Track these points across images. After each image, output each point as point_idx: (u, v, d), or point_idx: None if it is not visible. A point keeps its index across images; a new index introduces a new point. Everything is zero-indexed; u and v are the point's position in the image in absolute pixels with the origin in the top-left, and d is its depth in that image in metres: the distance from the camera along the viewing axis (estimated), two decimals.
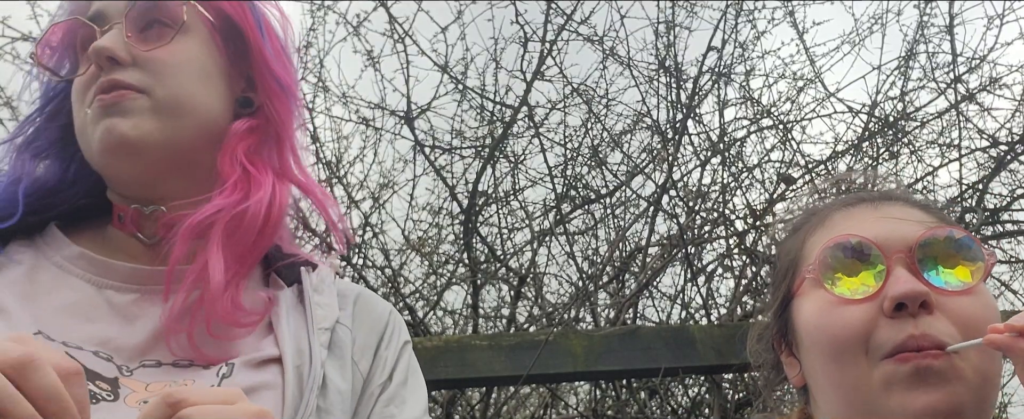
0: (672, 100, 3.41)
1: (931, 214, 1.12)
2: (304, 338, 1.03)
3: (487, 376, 2.34)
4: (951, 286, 1.03)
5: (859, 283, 1.05)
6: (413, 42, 3.14)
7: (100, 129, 1.01)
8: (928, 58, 3.42)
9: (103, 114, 1.02)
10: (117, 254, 1.06)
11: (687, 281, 3.28)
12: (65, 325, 0.97)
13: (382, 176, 3.43)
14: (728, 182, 3.44)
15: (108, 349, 0.97)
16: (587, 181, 3.54)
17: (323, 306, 1.07)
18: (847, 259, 1.06)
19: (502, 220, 3.50)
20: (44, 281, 1.01)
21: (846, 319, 1.03)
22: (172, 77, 1.04)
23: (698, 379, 3.12)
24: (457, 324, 3.47)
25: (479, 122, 3.42)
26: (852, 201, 1.16)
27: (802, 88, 3.53)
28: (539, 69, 3.20)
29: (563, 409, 3.55)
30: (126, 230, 1.07)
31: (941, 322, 1.00)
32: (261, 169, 1.07)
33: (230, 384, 0.95)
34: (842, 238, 1.08)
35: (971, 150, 3.42)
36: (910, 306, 1.00)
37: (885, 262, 1.04)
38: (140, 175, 1.05)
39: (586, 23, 3.28)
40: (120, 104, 1.01)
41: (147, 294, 1.02)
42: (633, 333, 2.44)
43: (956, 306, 1.01)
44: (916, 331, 0.99)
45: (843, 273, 1.06)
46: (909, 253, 1.04)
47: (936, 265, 1.04)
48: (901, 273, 1.02)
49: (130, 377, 0.95)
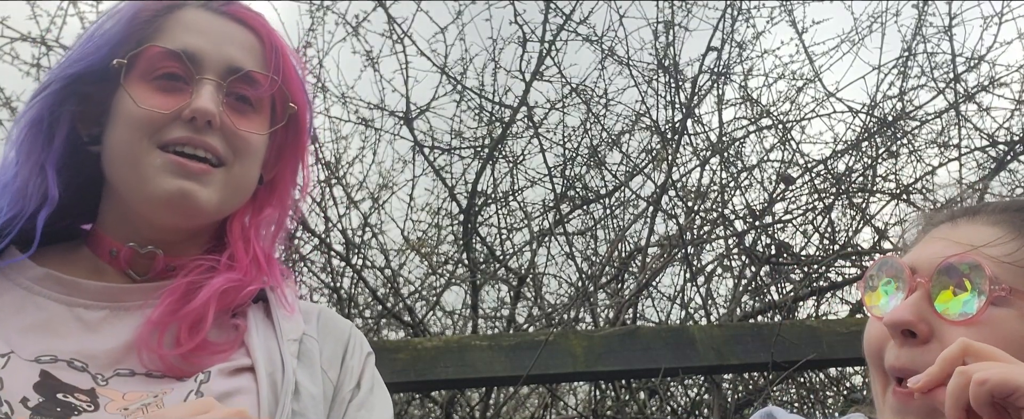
0: (671, 100, 3.41)
1: (1006, 229, 1.06)
2: (275, 349, 1.06)
3: (487, 376, 2.34)
4: (949, 315, 1.01)
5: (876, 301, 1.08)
6: (412, 42, 3.14)
7: (173, 187, 1.03)
8: (927, 58, 3.42)
9: (182, 174, 1.03)
10: (84, 273, 1.06)
11: (686, 281, 3.29)
12: (36, 341, 0.97)
13: (381, 176, 3.43)
14: (727, 182, 3.44)
15: (82, 357, 0.98)
16: (586, 181, 3.54)
17: (289, 320, 1.10)
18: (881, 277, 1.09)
19: (501, 220, 3.50)
20: (9, 302, 1.01)
21: (870, 334, 1.08)
22: (247, 159, 1.09)
23: (698, 379, 3.12)
24: (456, 324, 3.47)
25: (478, 122, 3.42)
26: (947, 216, 1.15)
27: (801, 88, 3.54)
28: (538, 69, 3.19)
29: (563, 409, 3.54)
30: (117, 266, 1.08)
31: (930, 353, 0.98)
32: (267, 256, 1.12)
33: (208, 390, 0.97)
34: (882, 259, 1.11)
35: (970, 150, 3.43)
36: (891, 334, 1.02)
37: (909, 286, 1.05)
38: (178, 230, 1.08)
39: (585, 23, 3.28)
40: (205, 176, 1.04)
41: (117, 311, 1.03)
42: (633, 333, 2.44)
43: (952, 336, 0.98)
44: (896, 362, 1.01)
45: (871, 289, 1.10)
46: (928, 279, 1.04)
47: (947, 291, 1.02)
48: (909, 300, 1.03)
49: (106, 386, 0.97)
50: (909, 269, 1.05)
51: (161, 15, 1.09)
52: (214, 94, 1.05)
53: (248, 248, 1.09)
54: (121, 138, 1.05)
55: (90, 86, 1.08)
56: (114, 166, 1.07)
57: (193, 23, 1.09)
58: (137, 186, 1.04)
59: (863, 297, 1.11)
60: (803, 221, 3.45)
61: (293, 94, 1.13)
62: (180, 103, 1.04)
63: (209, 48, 1.07)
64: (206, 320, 1.02)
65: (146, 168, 1.03)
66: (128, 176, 1.05)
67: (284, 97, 1.13)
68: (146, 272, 1.09)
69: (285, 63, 1.13)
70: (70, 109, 1.08)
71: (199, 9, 1.11)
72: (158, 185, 1.03)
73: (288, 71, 1.13)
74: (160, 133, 1.04)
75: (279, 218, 1.17)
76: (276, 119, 1.13)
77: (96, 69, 1.07)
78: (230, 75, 1.07)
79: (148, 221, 1.07)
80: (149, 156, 1.03)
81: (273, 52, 1.12)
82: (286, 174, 1.18)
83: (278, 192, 1.17)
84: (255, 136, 1.09)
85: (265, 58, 1.11)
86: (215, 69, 1.06)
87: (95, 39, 1.08)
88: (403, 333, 3.23)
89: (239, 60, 1.08)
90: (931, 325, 1.01)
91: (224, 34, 1.09)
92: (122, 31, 1.07)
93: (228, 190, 1.07)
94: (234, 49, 1.09)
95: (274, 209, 1.16)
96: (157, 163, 1.03)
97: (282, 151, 1.17)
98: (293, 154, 1.17)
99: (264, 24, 1.13)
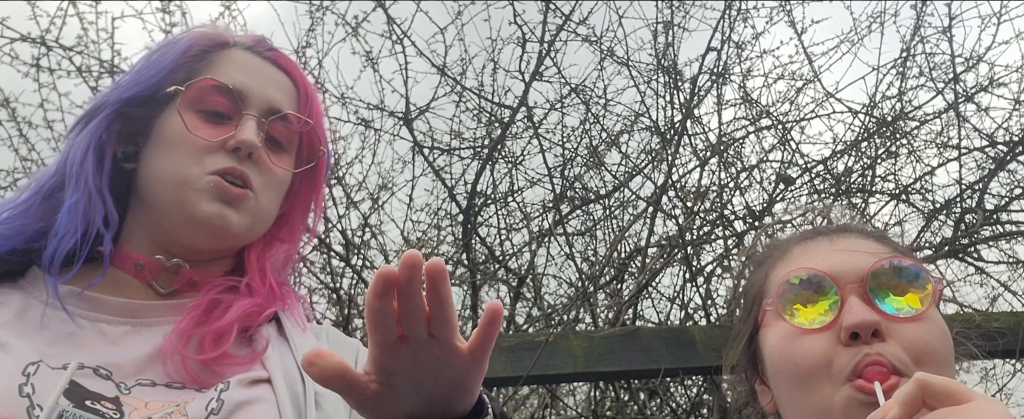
0: (670, 100, 3.42)
1: (884, 244, 1.17)
2: (291, 363, 1.10)
3: (487, 377, 2.32)
4: (902, 313, 1.07)
5: (816, 313, 1.10)
6: (411, 43, 3.15)
7: (213, 210, 1.10)
8: (926, 58, 3.43)
9: (221, 198, 1.10)
10: (106, 291, 1.10)
11: (686, 282, 3.29)
12: (63, 352, 1.01)
13: (381, 177, 3.43)
14: (727, 182, 3.44)
15: (107, 366, 1.01)
16: (586, 182, 3.54)
17: (302, 337, 1.16)
18: (804, 291, 1.12)
19: (501, 221, 3.51)
20: (34, 318, 1.05)
21: (808, 348, 1.09)
22: (273, 191, 1.18)
23: (697, 380, 3.12)
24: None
25: (477, 123, 3.43)
26: (810, 235, 1.22)
27: (800, 88, 3.54)
28: (537, 69, 3.20)
29: (562, 410, 3.54)
30: (142, 279, 1.12)
31: (892, 347, 1.05)
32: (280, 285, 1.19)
33: (227, 398, 1.00)
34: (797, 271, 1.13)
35: (969, 150, 3.43)
36: (863, 335, 1.05)
37: (839, 293, 1.09)
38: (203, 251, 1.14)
39: (584, 23, 3.29)
40: (241, 202, 1.11)
41: (138, 326, 1.07)
42: (632, 334, 2.44)
43: (907, 332, 1.06)
44: (871, 351, 1.04)
45: (801, 304, 1.12)
46: (861, 283, 1.09)
47: (887, 293, 1.09)
48: (854, 303, 1.07)
49: (128, 394, 0.99)
50: (831, 278, 1.10)
51: (212, 51, 1.18)
52: (256, 129, 1.13)
53: (264, 278, 1.16)
54: (167, 160, 1.12)
55: (136, 108, 1.15)
56: (154, 185, 1.12)
57: (241, 63, 1.18)
58: (177, 206, 1.10)
59: (787, 315, 1.12)
60: (803, 221, 3.45)
61: (322, 139, 1.23)
62: (225, 134, 1.12)
63: (254, 87, 1.16)
64: (230, 335, 1.07)
65: (190, 190, 1.10)
66: (169, 195, 1.11)
67: (311, 140, 1.22)
68: (170, 285, 1.13)
69: (315, 109, 1.23)
70: (116, 129, 1.14)
71: (246, 51, 1.20)
72: (200, 206, 1.09)
73: (317, 117, 1.23)
74: (205, 160, 1.11)
75: (288, 251, 1.24)
76: (300, 159, 1.22)
77: (146, 94, 1.15)
78: (271, 114, 1.16)
79: (178, 240, 1.12)
80: (195, 180, 1.10)
81: (306, 98, 1.22)
82: (299, 210, 1.25)
83: (289, 227, 1.24)
84: (283, 171, 1.18)
85: (298, 103, 1.21)
86: (258, 107, 1.15)
87: (150, 66, 1.16)
88: None
89: (279, 102, 1.18)
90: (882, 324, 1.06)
91: (267, 76, 1.19)
92: (174, 61, 1.16)
93: (255, 218, 1.15)
94: (275, 91, 1.18)
95: (284, 243, 1.23)
96: (201, 185, 1.10)
97: (299, 189, 1.24)
98: (308, 193, 1.25)
99: (300, 72, 1.24)
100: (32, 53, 2.94)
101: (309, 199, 1.26)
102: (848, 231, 1.20)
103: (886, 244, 1.17)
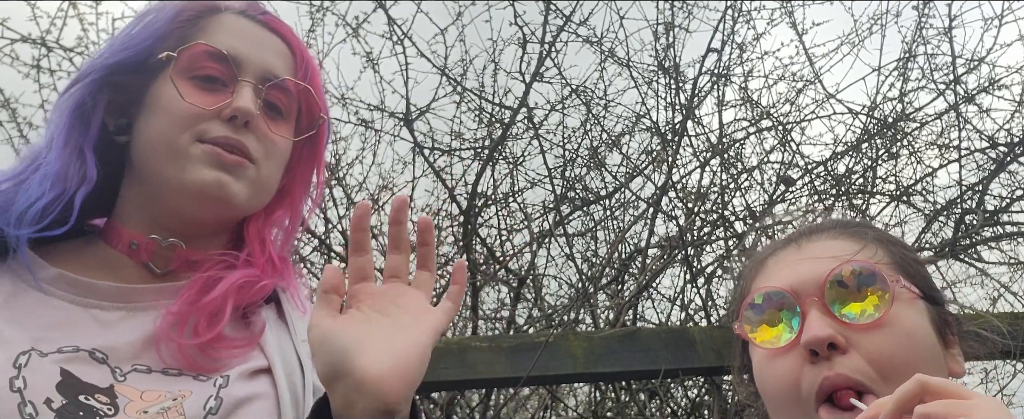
0: (671, 101, 3.41)
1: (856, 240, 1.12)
2: (289, 349, 1.07)
3: (487, 378, 2.33)
4: (861, 320, 1.03)
5: (780, 332, 1.07)
6: (412, 44, 3.15)
7: (210, 177, 1.05)
8: (927, 59, 3.42)
9: (218, 166, 1.06)
10: (98, 273, 1.06)
11: (687, 282, 3.28)
12: (57, 338, 0.98)
13: (381, 178, 3.44)
14: (727, 183, 3.44)
15: (103, 349, 0.99)
16: (586, 182, 3.54)
17: (302, 320, 1.12)
18: (767, 310, 1.09)
19: (501, 221, 3.50)
20: (26, 305, 1.02)
21: (777, 372, 1.07)
22: (274, 161, 1.13)
23: (698, 381, 3.12)
24: (457, 326, 3.46)
25: (478, 124, 3.43)
26: (782, 244, 1.19)
27: (801, 89, 3.54)
28: (538, 70, 3.19)
29: (563, 411, 3.54)
30: (136, 259, 1.09)
31: (854, 359, 1.01)
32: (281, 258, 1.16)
33: (227, 394, 0.98)
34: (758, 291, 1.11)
35: (970, 151, 3.43)
36: (820, 351, 1.02)
37: (801, 307, 1.06)
38: (203, 223, 1.10)
39: (585, 24, 3.29)
40: (239, 170, 1.07)
41: (133, 311, 1.04)
42: (633, 335, 2.44)
43: (868, 342, 1.02)
44: (830, 373, 1.01)
45: (766, 324, 1.09)
46: (820, 294, 1.06)
47: (847, 300, 1.05)
48: (814, 317, 1.04)
49: (124, 382, 0.97)
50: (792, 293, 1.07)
51: (204, 16, 1.13)
52: (253, 97, 1.09)
53: (264, 249, 1.13)
54: (160, 129, 1.07)
55: (126, 76, 1.10)
56: (148, 155, 1.08)
57: (234, 28, 1.13)
58: (173, 175, 1.06)
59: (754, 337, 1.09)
60: (803, 222, 3.44)
61: (321, 106, 1.18)
62: (220, 101, 1.08)
63: (249, 53, 1.11)
64: (224, 312, 1.04)
65: (184, 158, 1.06)
66: (164, 165, 1.07)
67: (310, 107, 1.17)
68: (166, 266, 1.10)
69: (313, 75, 1.18)
70: (105, 98, 1.10)
71: (239, 16, 1.15)
72: (195, 174, 1.05)
73: (315, 83, 1.18)
74: (200, 128, 1.06)
75: (290, 223, 1.20)
76: (300, 127, 1.17)
77: (134, 61, 1.10)
78: (267, 81, 1.11)
79: (176, 212, 1.09)
80: (189, 147, 1.06)
81: (303, 63, 1.17)
82: (299, 181, 1.21)
83: (290, 198, 1.20)
84: (283, 140, 1.14)
85: (295, 68, 1.16)
86: (254, 73, 1.11)
87: (137, 32, 1.11)
88: None
89: (276, 67, 1.13)
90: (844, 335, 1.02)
91: (262, 42, 1.14)
92: (165, 27, 1.11)
93: (255, 188, 1.10)
94: (271, 56, 1.13)
95: (285, 213, 1.19)
96: (196, 153, 1.06)
97: (299, 159, 1.20)
98: (309, 163, 1.21)
99: (296, 36, 1.19)
100: (33, 54, 2.95)
101: (310, 169, 1.22)
102: (818, 232, 1.16)
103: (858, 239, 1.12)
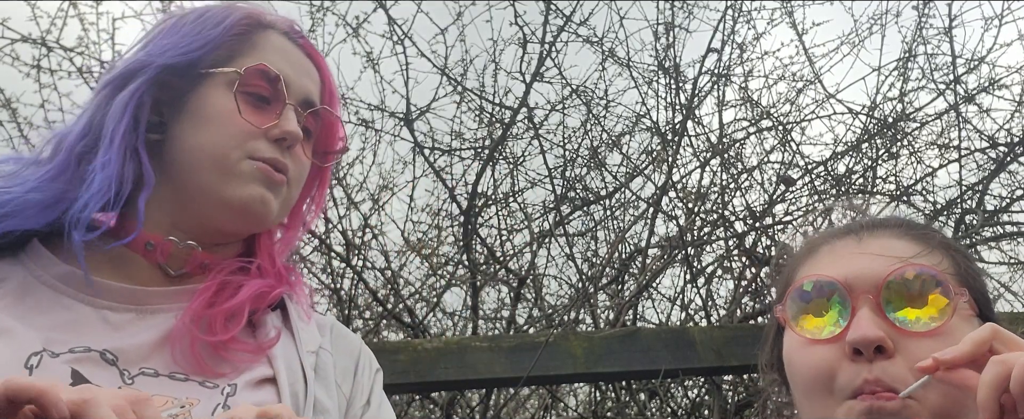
0: (671, 101, 3.41)
1: (920, 243, 1.09)
2: (295, 360, 1.08)
3: (487, 378, 2.33)
4: (914, 327, 1.01)
5: (825, 323, 1.05)
6: (412, 43, 3.15)
7: (256, 193, 1.09)
8: (927, 59, 3.42)
9: (264, 183, 1.10)
10: (109, 272, 1.06)
11: (687, 282, 3.28)
12: (68, 338, 0.98)
13: (381, 178, 3.43)
14: (727, 183, 3.44)
15: (114, 350, 0.99)
16: (587, 182, 3.54)
17: (307, 330, 1.14)
18: (815, 299, 1.07)
19: (502, 221, 3.50)
20: (36, 302, 1.02)
21: (813, 360, 1.04)
22: (300, 181, 1.18)
23: (698, 381, 3.12)
24: (457, 326, 3.46)
25: (478, 123, 3.43)
26: (840, 233, 1.15)
27: (801, 89, 3.53)
28: (538, 70, 3.19)
29: (563, 411, 3.54)
30: (151, 259, 1.09)
31: (897, 366, 0.99)
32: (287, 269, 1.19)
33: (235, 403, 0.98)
34: (809, 278, 1.08)
35: (970, 151, 3.43)
36: (865, 352, 1.00)
37: (852, 302, 1.03)
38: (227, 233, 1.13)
39: (585, 24, 3.29)
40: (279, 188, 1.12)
41: (143, 314, 1.05)
42: (633, 335, 2.44)
43: (917, 350, 0.98)
44: (870, 376, 0.99)
45: (812, 313, 1.06)
46: (876, 293, 1.03)
47: (903, 304, 1.02)
48: (864, 315, 1.02)
49: (131, 385, 0.97)
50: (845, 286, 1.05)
51: (254, 31, 1.16)
52: (296, 120, 1.14)
53: (273, 261, 1.16)
54: (211, 140, 1.09)
55: (173, 78, 1.11)
56: (190, 163, 1.09)
57: (282, 49, 1.17)
58: (218, 188, 1.08)
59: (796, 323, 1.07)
60: (803, 222, 3.45)
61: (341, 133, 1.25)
62: (269, 121, 1.11)
63: (296, 77, 1.16)
64: (242, 316, 1.06)
65: (233, 173, 1.08)
66: (209, 176, 1.08)
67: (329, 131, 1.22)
68: (181, 267, 1.10)
69: (335, 102, 1.23)
70: (152, 96, 1.10)
71: (283, 36, 1.19)
72: (244, 190, 1.08)
73: (337, 110, 1.24)
74: (250, 145, 1.10)
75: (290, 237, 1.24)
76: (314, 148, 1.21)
77: (185, 64, 1.11)
78: (307, 106, 1.17)
79: (207, 221, 1.10)
80: (240, 163, 1.09)
81: (329, 90, 1.22)
82: (305, 198, 1.25)
83: (295, 212, 1.24)
84: (308, 162, 1.19)
85: (323, 94, 1.21)
86: (296, 97, 1.15)
87: (188, 33, 1.12)
88: (403, 334, 3.23)
89: (313, 93, 1.18)
90: (893, 339, 1.00)
91: (302, 66, 1.18)
92: (218, 37, 1.13)
93: (284, 206, 1.15)
94: (309, 82, 1.18)
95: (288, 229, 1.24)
96: (247, 169, 1.09)
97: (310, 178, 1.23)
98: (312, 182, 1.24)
99: (325, 63, 1.24)
100: (33, 54, 2.94)
101: (312, 188, 1.26)
102: (882, 228, 1.13)
103: (923, 243, 1.09)
